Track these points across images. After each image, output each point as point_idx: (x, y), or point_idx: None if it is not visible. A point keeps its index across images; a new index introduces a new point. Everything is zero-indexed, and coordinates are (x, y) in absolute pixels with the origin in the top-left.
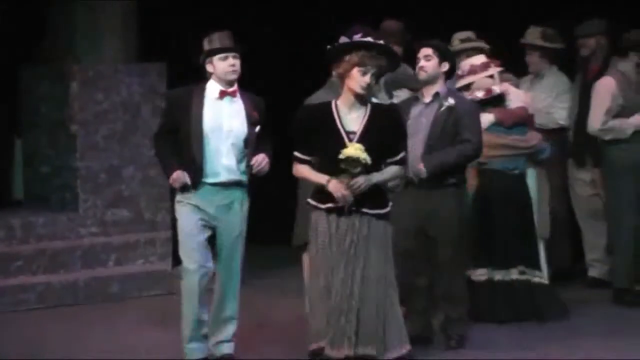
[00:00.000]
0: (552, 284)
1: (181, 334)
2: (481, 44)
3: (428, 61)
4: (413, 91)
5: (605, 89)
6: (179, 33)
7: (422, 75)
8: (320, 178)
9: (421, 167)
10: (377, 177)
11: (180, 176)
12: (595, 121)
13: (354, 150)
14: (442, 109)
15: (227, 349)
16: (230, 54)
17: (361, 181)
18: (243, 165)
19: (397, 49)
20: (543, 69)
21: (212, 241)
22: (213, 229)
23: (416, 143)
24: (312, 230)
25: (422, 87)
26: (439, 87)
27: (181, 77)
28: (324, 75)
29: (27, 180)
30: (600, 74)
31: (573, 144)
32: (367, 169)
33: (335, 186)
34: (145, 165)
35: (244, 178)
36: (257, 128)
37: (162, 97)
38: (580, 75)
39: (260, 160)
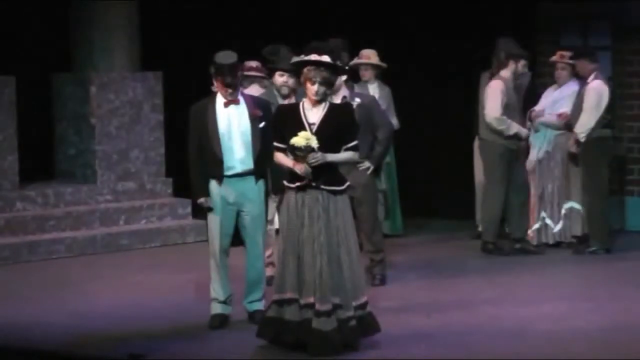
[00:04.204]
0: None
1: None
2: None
3: None
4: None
5: (496, 88)
6: (172, 49)
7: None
8: (288, 162)
9: (367, 164)
10: (330, 156)
11: (203, 202)
12: (494, 110)
13: (298, 138)
14: (354, 107)
15: (258, 306)
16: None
17: (318, 156)
18: (251, 156)
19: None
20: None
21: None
22: (238, 213)
23: None
24: (283, 204)
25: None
26: (343, 92)
27: (175, 82)
28: None
29: (58, 160)
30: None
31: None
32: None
33: (297, 165)
34: (146, 148)
35: (253, 166)
36: (262, 124)
37: (159, 97)
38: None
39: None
